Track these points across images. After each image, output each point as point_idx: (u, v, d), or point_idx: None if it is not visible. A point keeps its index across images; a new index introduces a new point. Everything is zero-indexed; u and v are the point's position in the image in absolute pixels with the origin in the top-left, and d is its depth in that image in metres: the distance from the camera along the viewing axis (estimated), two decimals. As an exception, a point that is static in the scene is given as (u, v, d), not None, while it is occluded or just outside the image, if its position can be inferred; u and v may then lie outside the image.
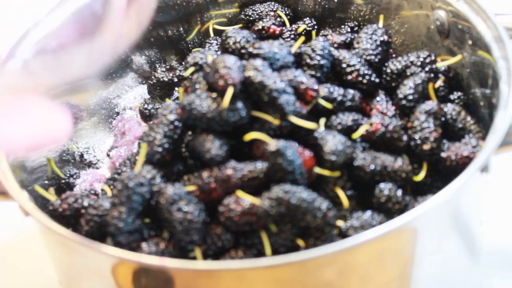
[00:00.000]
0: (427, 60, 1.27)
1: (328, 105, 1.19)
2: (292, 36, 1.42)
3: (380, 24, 1.38)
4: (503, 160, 1.16)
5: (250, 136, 1.11)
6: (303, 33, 1.43)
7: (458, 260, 1.16)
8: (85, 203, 1.18)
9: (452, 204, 1.05)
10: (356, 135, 1.17)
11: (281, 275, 0.99)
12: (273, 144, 1.08)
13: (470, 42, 1.25)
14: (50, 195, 1.22)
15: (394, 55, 1.39)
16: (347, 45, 1.37)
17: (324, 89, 1.21)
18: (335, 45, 1.36)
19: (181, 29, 1.55)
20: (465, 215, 1.11)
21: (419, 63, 1.27)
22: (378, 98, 1.24)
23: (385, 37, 1.31)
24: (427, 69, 1.26)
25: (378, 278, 1.04)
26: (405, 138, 1.17)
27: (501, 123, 1.07)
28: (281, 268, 0.97)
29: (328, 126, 1.18)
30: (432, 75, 1.26)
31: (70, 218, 1.17)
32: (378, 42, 1.30)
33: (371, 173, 1.13)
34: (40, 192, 1.21)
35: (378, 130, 1.16)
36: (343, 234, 1.07)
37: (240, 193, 1.08)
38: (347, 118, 1.19)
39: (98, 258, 1.03)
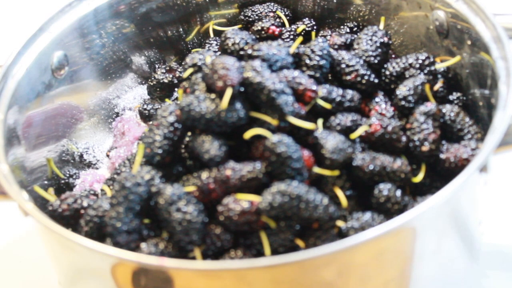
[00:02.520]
0: (426, 62, 1.27)
1: (327, 106, 1.20)
2: (292, 36, 1.42)
3: (381, 26, 1.38)
4: (502, 160, 1.16)
5: (251, 132, 1.11)
6: (302, 33, 1.44)
7: (457, 260, 1.16)
8: (85, 204, 1.18)
9: (451, 204, 1.05)
10: (354, 135, 1.17)
11: (280, 275, 0.99)
12: (275, 136, 1.09)
13: (469, 42, 1.25)
14: (50, 195, 1.22)
15: (393, 56, 1.39)
16: (347, 46, 1.37)
17: (323, 90, 1.21)
18: (336, 46, 1.36)
19: (181, 29, 1.55)
20: (464, 215, 1.11)
21: (417, 65, 1.26)
22: (377, 99, 1.24)
23: (385, 39, 1.31)
24: (426, 71, 1.26)
25: (377, 278, 1.04)
26: (404, 139, 1.17)
27: (500, 123, 1.07)
28: (281, 268, 0.97)
29: (327, 127, 1.19)
30: (431, 77, 1.26)
31: (70, 219, 1.17)
32: (378, 44, 1.30)
33: (370, 173, 1.13)
34: (39, 192, 1.21)
35: (377, 131, 1.16)
36: (343, 235, 1.08)
37: (239, 196, 1.08)
38: (346, 119, 1.19)
39: (97, 258, 1.03)
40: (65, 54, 1.38)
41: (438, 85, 1.27)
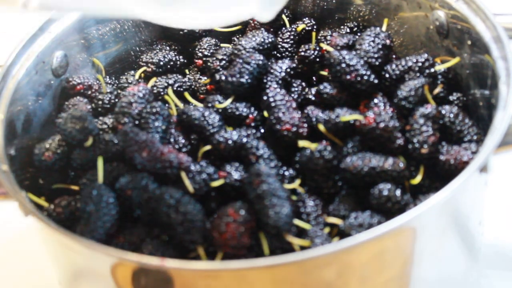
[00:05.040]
0: (426, 64, 1.26)
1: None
2: (292, 36, 1.42)
3: (384, 27, 1.38)
4: (502, 160, 1.16)
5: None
6: (302, 32, 1.44)
7: (457, 260, 1.16)
8: (79, 205, 1.18)
9: (451, 204, 1.05)
10: (345, 118, 1.18)
11: (280, 275, 0.99)
12: None
13: (469, 42, 1.25)
14: (42, 202, 1.21)
15: (394, 57, 1.39)
16: (350, 48, 1.36)
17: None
18: (338, 48, 1.36)
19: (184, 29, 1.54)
20: (464, 215, 1.12)
21: (417, 68, 1.26)
22: (375, 100, 1.24)
23: (387, 41, 1.30)
24: (425, 73, 1.26)
25: (377, 278, 1.04)
26: (399, 141, 1.15)
27: (500, 123, 1.07)
28: (280, 268, 0.97)
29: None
30: (431, 79, 1.26)
31: (65, 221, 1.17)
32: (380, 46, 1.29)
33: (358, 175, 1.13)
34: (33, 199, 1.20)
35: (369, 124, 1.15)
36: (341, 233, 1.08)
37: None
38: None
39: (97, 258, 1.03)
40: (65, 54, 1.38)
41: (437, 90, 1.26)
